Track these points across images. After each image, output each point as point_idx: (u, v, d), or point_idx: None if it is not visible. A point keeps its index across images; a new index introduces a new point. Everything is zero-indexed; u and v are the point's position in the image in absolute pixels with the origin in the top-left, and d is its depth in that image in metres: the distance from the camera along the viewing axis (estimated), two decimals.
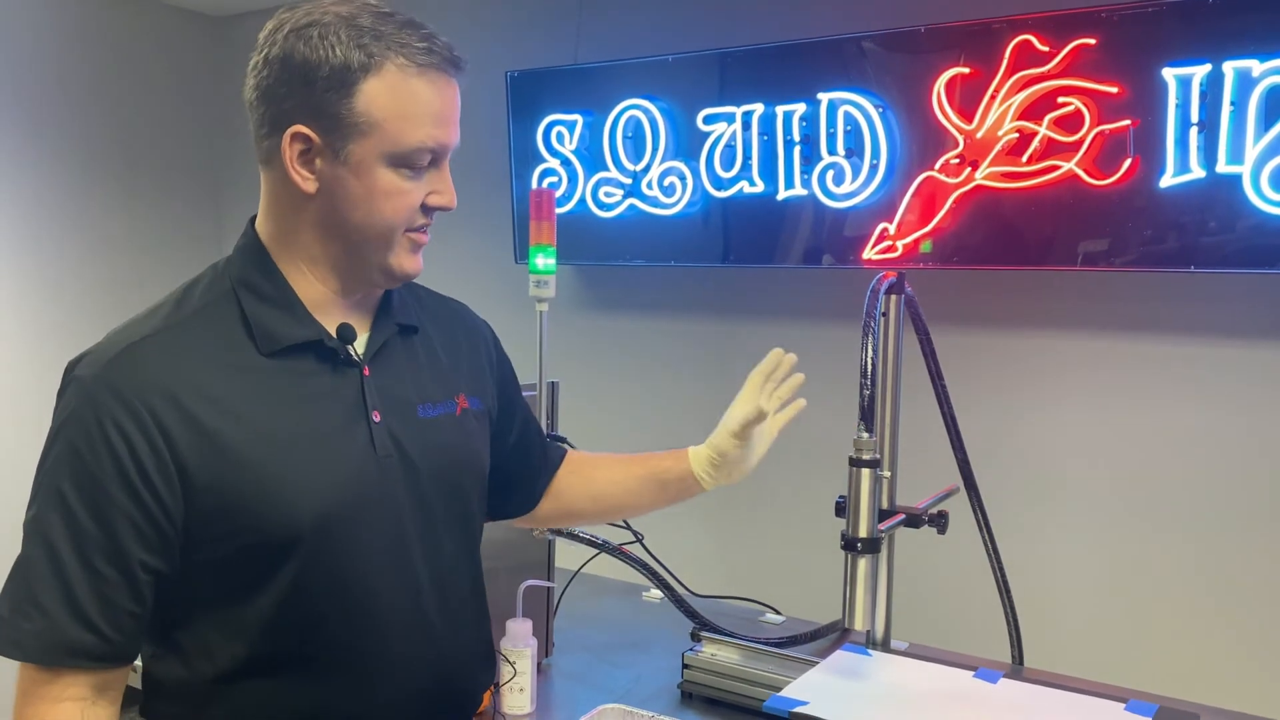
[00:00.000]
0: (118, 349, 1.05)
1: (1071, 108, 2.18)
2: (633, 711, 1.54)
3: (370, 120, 1.05)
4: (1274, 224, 2.02)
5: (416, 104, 1.06)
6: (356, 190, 1.07)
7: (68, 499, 1.02)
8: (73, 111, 3.56)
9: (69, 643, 1.01)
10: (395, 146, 1.06)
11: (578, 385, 2.83)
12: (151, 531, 1.03)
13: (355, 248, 1.11)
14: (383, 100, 1.05)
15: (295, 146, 1.07)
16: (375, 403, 1.14)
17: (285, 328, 1.10)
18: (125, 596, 1.03)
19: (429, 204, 1.11)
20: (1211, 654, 2.30)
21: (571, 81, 2.93)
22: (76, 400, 1.04)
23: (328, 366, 1.12)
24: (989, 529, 1.76)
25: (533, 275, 1.76)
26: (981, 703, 1.42)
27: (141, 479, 1.02)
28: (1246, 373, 2.24)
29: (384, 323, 1.19)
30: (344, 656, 1.10)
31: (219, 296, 1.12)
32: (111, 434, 1.01)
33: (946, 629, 2.30)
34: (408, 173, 1.08)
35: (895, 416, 1.69)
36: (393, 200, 1.08)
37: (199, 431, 1.03)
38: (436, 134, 1.08)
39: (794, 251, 2.62)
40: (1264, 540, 2.24)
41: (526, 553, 1.77)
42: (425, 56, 1.06)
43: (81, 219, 3.60)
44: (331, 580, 1.08)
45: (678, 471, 1.42)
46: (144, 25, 3.75)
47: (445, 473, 1.18)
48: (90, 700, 1.04)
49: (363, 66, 1.04)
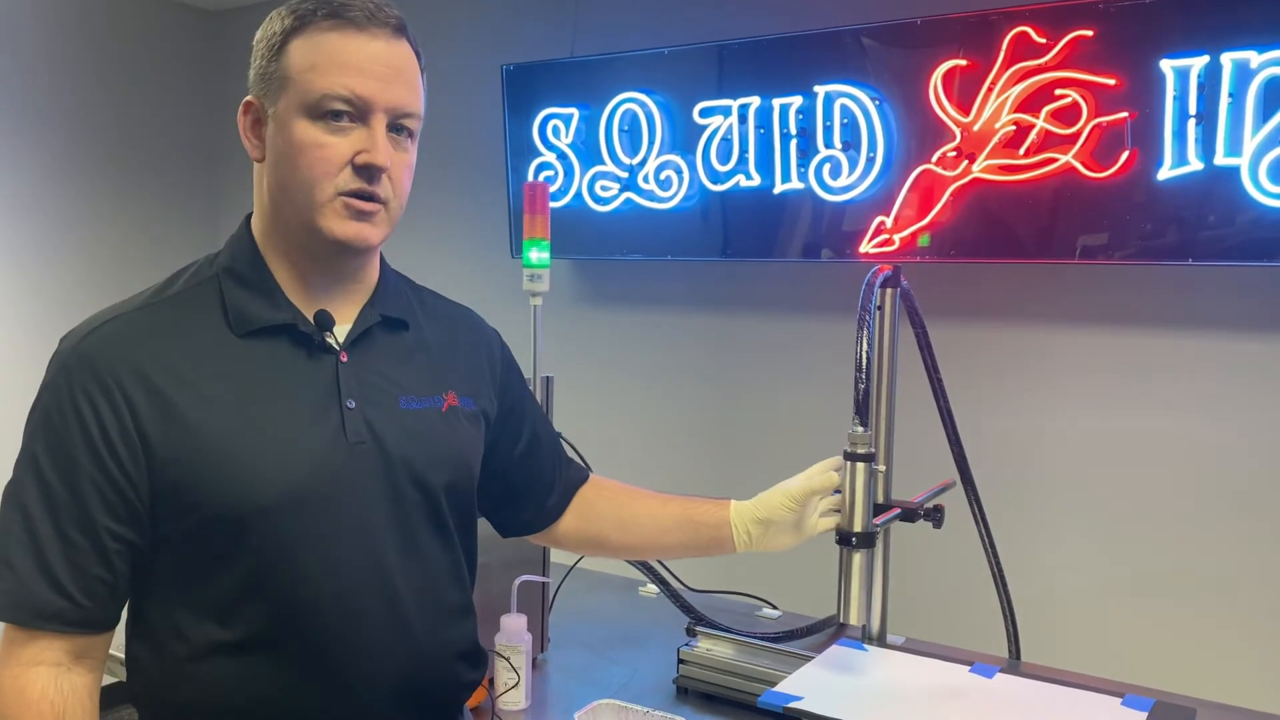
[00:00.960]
0: (95, 324, 1.10)
1: (1069, 100, 2.18)
2: (628, 707, 1.54)
3: (288, 74, 1.09)
4: (1272, 216, 2.01)
5: (325, 55, 1.08)
6: (281, 147, 1.10)
7: (41, 465, 1.06)
8: (66, 105, 3.55)
9: (40, 604, 1.04)
10: (306, 96, 1.08)
11: (574, 380, 2.83)
12: (117, 500, 1.06)
13: (296, 213, 1.11)
14: (298, 55, 1.09)
15: (247, 117, 1.14)
16: (350, 389, 1.14)
17: (260, 310, 1.13)
18: (95, 563, 1.06)
19: (357, 163, 1.09)
20: (1208, 648, 2.30)
21: (567, 75, 2.92)
22: (54, 371, 1.09)
23: (302, 351, 1.14)
24: (985, 523, 1.75)
25: (526, 269, 1.76)
26: (978, 698, 1.41)
27: (107, 448, 1.05)
28: (1244, 365, 2.24)
29: (368, 312, 1.19)
30: (311, 641, 1.10)
31: (202, 281, 1.15)
32: (81, 403, 1.05)
33: (942, 624, 2.30)
34: (324, 125, 1.08)
35: (891, 410, 1.67)
36: (308, 153, 1.08)
37: (163, 406, 1.06)
38: (348, 82, 1.08)
39: (791, 245, 2.61)
40: (1260, 533, 2.24)
41: (521, 548, 1.76)
42: (344, 14, 1.09)
43: (74, 213, 3.60)
44: (293, 562, 1.09)
45: (715, 519, 1.39)
46: (138, 18, 3.74)
47: (422, 465, 1.17)
48: (66, 666, 1.06)
49: (290, 29, 1.10)
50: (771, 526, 1.37)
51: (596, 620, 2.03)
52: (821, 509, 1.38)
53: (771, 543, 1.39)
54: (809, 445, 2.27)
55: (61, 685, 1.05)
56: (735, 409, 2.89)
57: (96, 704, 1.09)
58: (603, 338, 3.13)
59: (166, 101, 3.85)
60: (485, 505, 1.41)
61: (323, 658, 1.11)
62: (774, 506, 1.37)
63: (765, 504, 1.38)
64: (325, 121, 1.08)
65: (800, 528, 1.38)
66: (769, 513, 1.37)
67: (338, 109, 1.08)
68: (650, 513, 1.43)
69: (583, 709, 1.53)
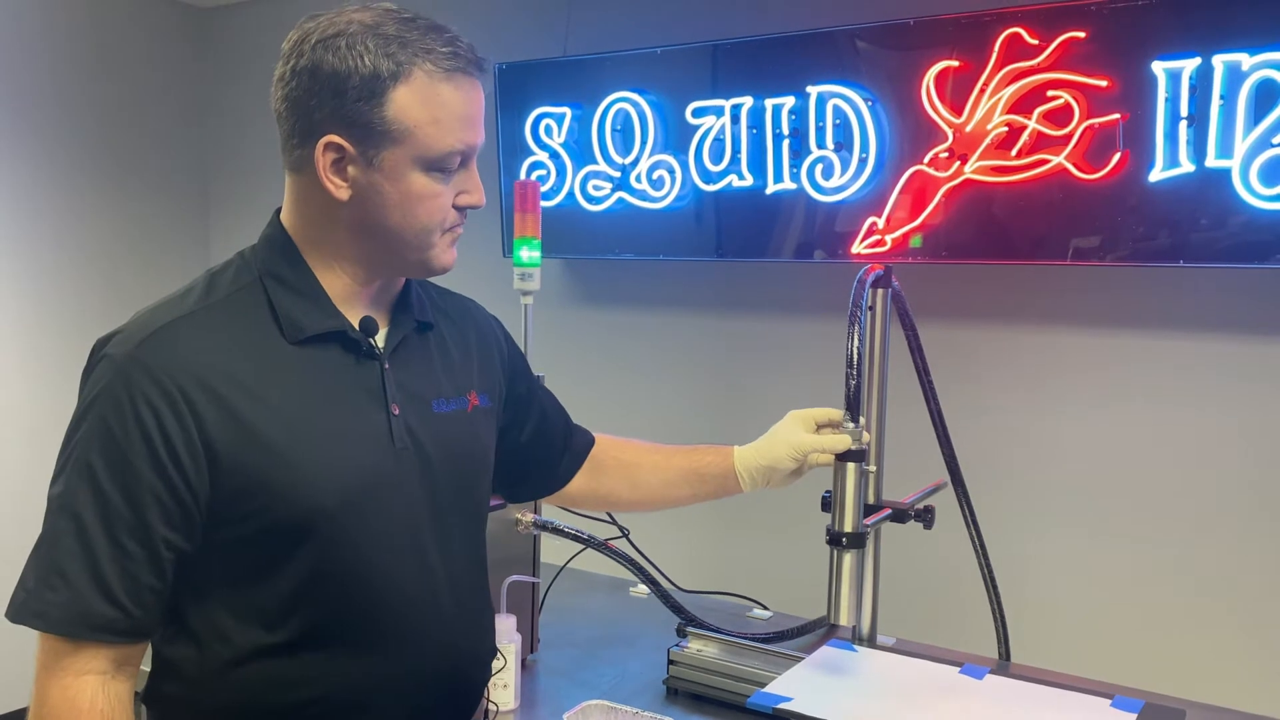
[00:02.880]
0: (151, 329, 1.08)
1: (1061, 101, 2.18)
2: (617, 707, 1.53)
3: (402, 127, 1.07)
4: (1263, 218, 2.01)
5: (446, 109, 1.08)
6: (391, 195, 1.10)
7: (97, 473, 1.03)
8: (56, 103, 3.53)
9: (92, 615, 1.03)
10: (428, 152, 1.09)
11: (566, 379, 2.81)
12: (176, 509, 1.05)
13: (391, 247, 1.14)
14: (413, 107, 1.07)
15: (328, 156, 1.09)
16: (395, 396, 1.16)
17: (311, 318, 1.13)
18: (148, 572, 1.05)
19: (459, 204, 1.14)
20: (1198, 649, 2.30)
21: (560, 74, 2.91)
22: (109, 377, 1.05)
23: (351, 358, 1.15)
24: (976, 524, 1.75)
25: (517, 268, 1.75)
26: (968, 698, 1.41)
27: (170, 457, 1.04)
28: (1234, 367, 2.24)
29: (402, 319, 1.22)
30: (359, 640, 1.13)
31: (247, 284, 1.14)
32: (143, 411, 1.03)
33: (933, 624, 2.30)
34: (440, 175, 1.11)
35: (882, 411, 1.67)
36: (426, 203, 1.11)
37: (227, 413, 1.06)
38: (466, 137, 1.11)
39: (783, 245, 2.61)
40: (1250, 535, 2.24)
41: (512, 548, 1.76)
42: (451, 61, 1.09)
43: (66, 213, 3.57)
44: (348, 565, 1.11)
45: (719, 469, 1.48)
46: (129, 16, 3.72)
47: (456, 466, 1.21)
48: (110, 674, 1.06)
49: (392, 74, 1.07)
50: (775, 472, 1.46)
51: (586, 620, 2.02)
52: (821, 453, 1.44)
53: (777, 484, 1.48)
54: None
55: (109, 693, 1.05)
56: (728, 408, 2.89)
57: (133, 710, 1.10)
58: (594, 337, 3.12)
59: (156, 99, 3.83)
60: (500, 482, 1.45)
61: (369, 658, 1.13)
62: (780, 457, 1.45)
63: (769, 454, 1.45)
64: (441, 171, 1.11)
65: (800, 470, 1.46)
66: (774, 460, 1.45)
67: (456, 162, 1.11)
68: (656, 467, 1.52)
69: (572, 709, 1.52)
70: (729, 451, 1.48)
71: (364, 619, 1.12)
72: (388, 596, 1.13)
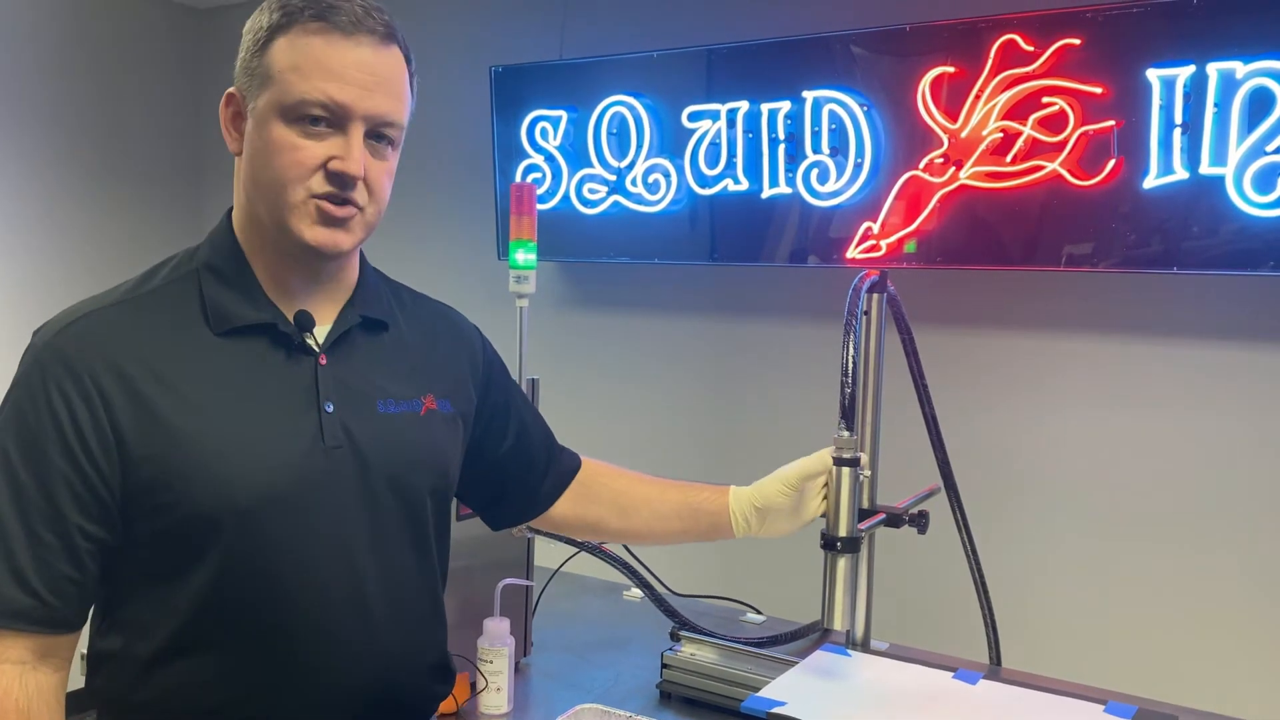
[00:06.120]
0: (74, 318, 1.08)
1: (1056, 108, 2.18)
2: (610, 711, 1.53)
3: (270, 73, 1.07)
4: (1256, 226, 2.02)
5: (309, 58, 1.07)
6: (257, 144, 1.09)
7: (11, 460, 1.04)
8: (51, 103, 3.52)
9: (6, 602, 1.02)
10: (285, 97, 1.07)
11: (560, 382, 2.82)
12: (90, 498, 1.04)
13: (269, 212, 1.10)
14: (282, 54, 1.08)
15: (229, 109, 1.13)
16: (329, 392, 1.13)
17: (239, 309, 1.11)
18: (64, 561, 1.04)
19: (329, 169, 1.08)
20: (1191, 655, 2.31)
21: (556, 77, 2.91)
22: (27, 365, 1.06)
23: (281, 352, 1.12)
24: (967, 529, 1.76)
25: (513, 270, 1.75)
26: (961, 704, 1.41)
27: (80, 445, 1.03)
28: (1227, 374, 2.25)
29: (348, 313, 1.18)
30: (277, 644, 1.09)
31: (182, 277, 1.14)
32: (55, 399, 1.03)
33: (927, 629, 2.30)
34: (299, 129, 1.07)
35: (877, 416, 1.68)
36: (283, 155, 1.07)
37: (138, 402, 1.05)
38: (327, 89, 1.06)
39: (778, 250, 2.61)
40: (1243, 541, 2.25)
41: (505, 551, 1.76)
42: (332, 16, 1.08)
43: (60, 212, 3.57)
44: (265, 565, 1.08)
45: (714, 506, 1.42)
46: (122, 13, 3.71)
47: (398, 469, 1.16)
48: (30, 665, 1.04)
49: (276, 26, 1.08)
50: (769, 513, 1.40)
51: (580, 624, 2.02)
52: (820, 493, 1.40)
53: (770, 529, 1.41)
54: (795, 449, 2.26)
55: (26, 684, 1.04)
56: (722, 412, 2.89)
57: (63, 704, 1.08)
58: (589, 340, 3.12)
59: (150, 97, 3.82)
60: (477, 501, 1.41)
61: (289, 662, 1.10)
62: (771, 494, 1.39)
63: (762, 492, 1.40)
64: (302, 125, 1.07)
65: (798, 513, 1.40)
66: (766, 500, 1.39)
67: (315, 114, 1.07)
68: (649, 499, 1.45)
69: (565, 713, 1.52)
70: (725, 490, 1.42)
71: (278, 620, 1.09)
72: (305, 598, 1.09)
